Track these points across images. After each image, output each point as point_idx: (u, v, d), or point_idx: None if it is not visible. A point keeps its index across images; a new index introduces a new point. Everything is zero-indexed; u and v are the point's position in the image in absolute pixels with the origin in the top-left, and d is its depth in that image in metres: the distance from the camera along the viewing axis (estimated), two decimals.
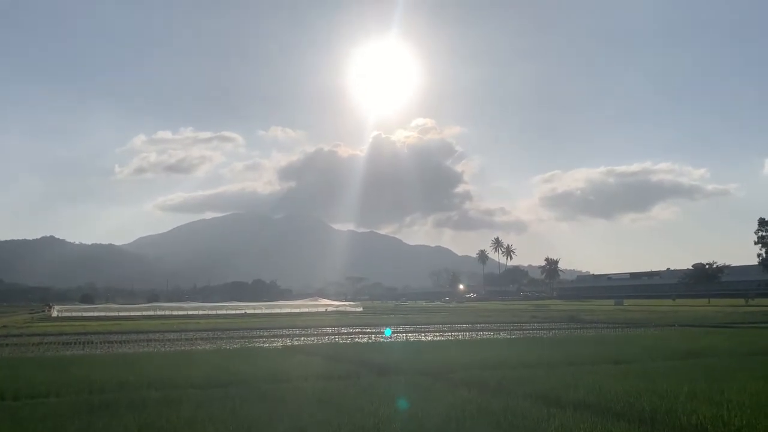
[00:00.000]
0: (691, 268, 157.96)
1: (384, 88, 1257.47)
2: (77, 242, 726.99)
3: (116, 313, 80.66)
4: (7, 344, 30.59)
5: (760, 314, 60.43)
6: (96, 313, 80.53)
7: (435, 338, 32.60)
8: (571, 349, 22.93)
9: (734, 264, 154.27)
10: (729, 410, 9.56)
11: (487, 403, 10.98)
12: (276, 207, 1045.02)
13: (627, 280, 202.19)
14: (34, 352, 26.28)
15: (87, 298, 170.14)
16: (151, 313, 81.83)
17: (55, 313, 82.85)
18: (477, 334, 35.52)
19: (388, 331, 17.44)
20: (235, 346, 28.50)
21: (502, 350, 22.83)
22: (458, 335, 34.91)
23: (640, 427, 8.69)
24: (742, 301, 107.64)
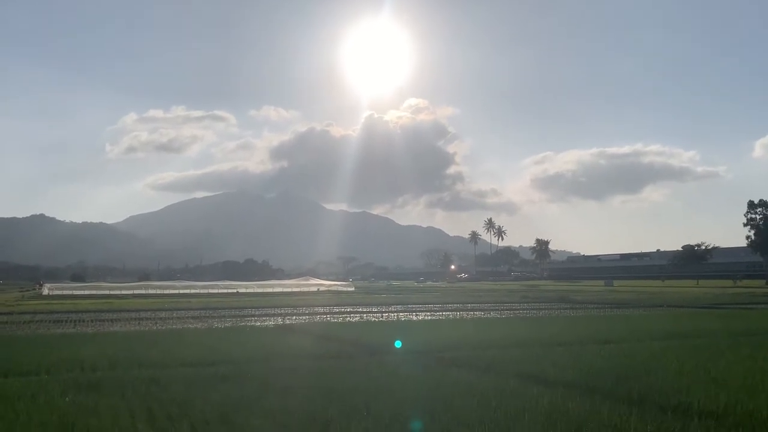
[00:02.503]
0: (680, 249, 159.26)
1: (377, 68, 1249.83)
2: (68, 221, 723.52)
3: (107, 292, 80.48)
4: None
5: (748, 295, 61.14)
6: (87, 292, 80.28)
7: (426, 318, 32.77)
8: (560, 329, 23.10)
9: (723, 246, 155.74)
10: (716, 388, 9.67)
11: (477, 382, 11.05)
12: (268, 186, 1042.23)
13: (617, 261, 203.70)
14: (24, 330, 26.22)
15: (78, 277, 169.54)
16: (143, 291, 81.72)
17: (45, 292, 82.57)
18: (468, 314, 35.72)
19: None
20: (226, 324, 28.54)
21: (493, 330, 22.97)
22: (449, 315, 35.10)
23: (629, 405, 8.77)
24: (730, 282, 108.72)
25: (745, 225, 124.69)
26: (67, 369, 13.18)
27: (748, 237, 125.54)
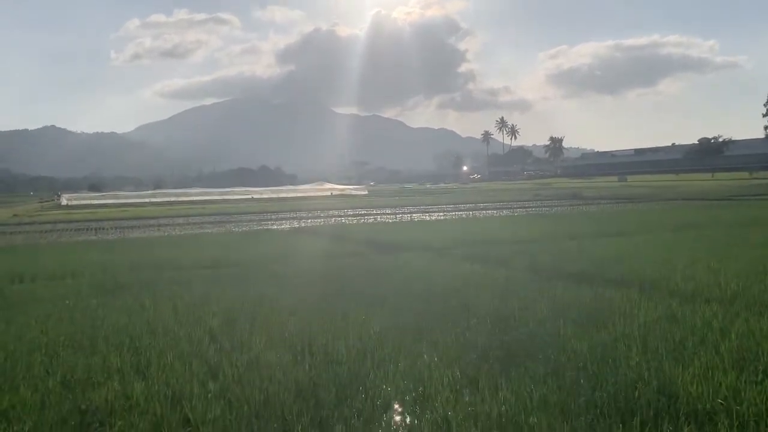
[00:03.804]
0: (696, 143, 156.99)
1: None
2: (79, 131, 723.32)
3: (124, 201, 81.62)
4: (20, 232, 31.30)
5: (763, 187, 60.73)
6: (104, 201, 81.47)
7: (439, 218, 33.10)
8: (572, 224, 23.32)
9: (740, 138, 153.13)
10: (726, 276, 9.83)
11: (490, 275, 11.31)
12: (276, 91, 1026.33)
13: (631, 157, 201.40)
14: (47, 238, 26.91)
15: (94, 187, 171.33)
16: (159, 200, 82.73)
17: (64, 202, 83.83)
18: (480, 213, 36.02)
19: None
20: (243, 229, 29.08)
21: (505, 227, 23.23)
22: (462, 215, 35.42)
23: (639, 292, 8.98)
24: (746, 174, 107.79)
25: (764, 116, 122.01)
26: (91, 273, 13.61)
27: (766, 128, 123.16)
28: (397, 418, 4.82)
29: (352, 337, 6.93)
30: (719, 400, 4.74)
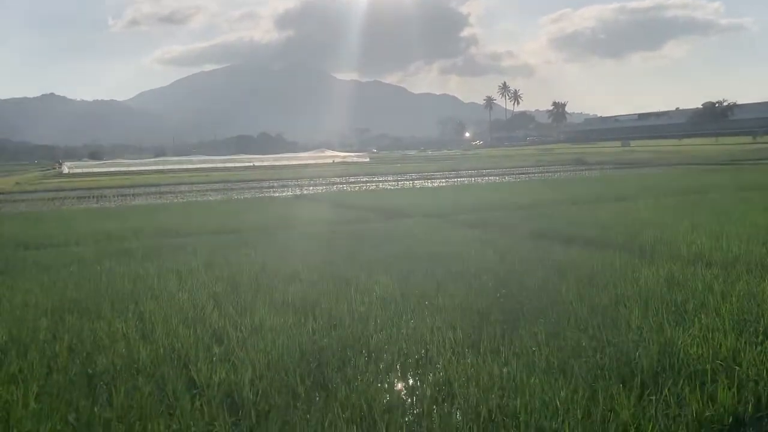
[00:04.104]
0: (700, 107, 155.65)
1: None
2: (79, 99, 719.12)
3: (126, 169, 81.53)
4: (23, 200, 31.37)
5: (766, 151, 60.41)
6: (106, 169, 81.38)
7: (441, 184, 33.05)
8: (574, 189, 23.26)
9: (745, 102, 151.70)
10: (728, 240, 9.83)
11: (492, 240, 11.33)
12: (276, 57, 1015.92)
13: (635, 121, 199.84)
14: (50, 206, 26.97)
15: (95, 155, 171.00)
16: (161, 167, 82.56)
17: (66, 170, 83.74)
18: (482, 179, 35.96)
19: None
20: (245, 196, 29.08)
21: (507, 193, 23.21)
22: (464, 181, 35.36)
23: (641, 256, 9.01)
24: (749, 138, 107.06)
25: None
26: (95, 240, 13.66)
27: None
28: (400, 380, 4.88)
29: (355, 301, 6.98)
30: (719, 361, 4.79)
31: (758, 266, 8.04)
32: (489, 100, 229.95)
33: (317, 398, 4.47)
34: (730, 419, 4.16)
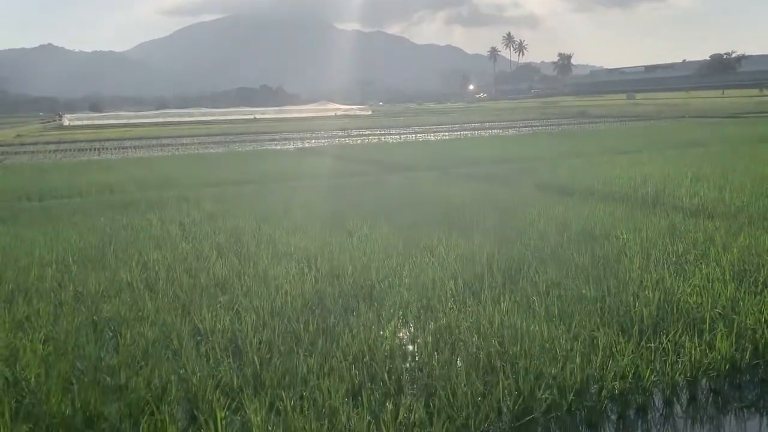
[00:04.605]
0: (708, 59, 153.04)
1: None
2: (77, 50, 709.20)
3: (127, 121, 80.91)
4: (24, 152, 31.28)
5: None
6: (107, 121, 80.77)
7: (444, 138, 32.81)
8: (578, 142, 23.10)
9: (755, 53, 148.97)
10: (731, 192, 9.80)
11: (494, 192, 11.32)
12: (277, 7, 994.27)
13: (641, 74, 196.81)
14: (51, 158, 26.91)
15: (96, 107, 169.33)
16: (161, 120, 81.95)
17: (66, 122, 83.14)
18: (486, 132, 35.68)
19: None
20: (247, 149, 28.94)
21: (510, 146, 23.07)
22: (467, 134, 35.08)
23: (643, 208, 9.00)
24: (756, 91, 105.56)
25: None
26: (98, 192, 13.69)
27: None
28: (402, 327, 4.94)
29: (358, 251, 7.02)
30: (718, 311, 4.83)
31: (760, 218, 8.03)
32: (493, 52, 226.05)
33: (320, 344, 4.54)
34: (727, 366, 4.23)
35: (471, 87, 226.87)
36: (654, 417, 3.90)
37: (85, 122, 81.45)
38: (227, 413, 3.64)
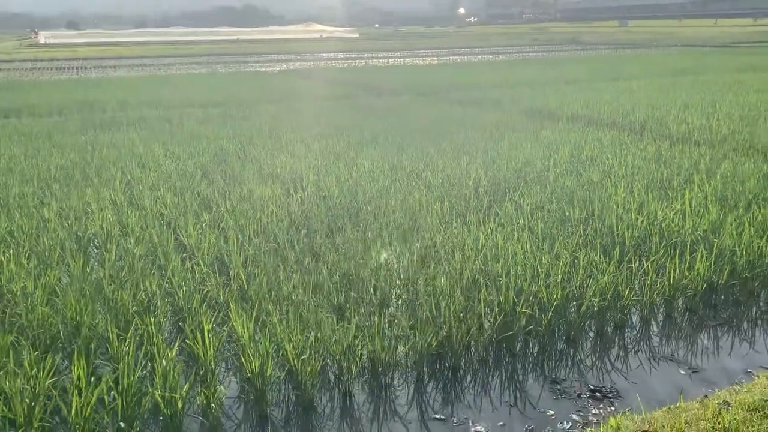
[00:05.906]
0: None
1: None
2: None
3: (105, 39, 78.28)
4: (0, 70, 30.28)
5: (765, 34, 58.87)
6: (85, 40, 78.09)
7: (433, 62, 32.18)
8: (569, 69, 22.80)
9: None
10: (718, 120, 9.80)
11: (482, 117, 11.22)
12: None
13: (634, 0, 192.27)
14: (28, 76, 26.11)
15: (73, 24, 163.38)
16: (142, 39, 79.38)
17: (42, 40, 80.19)
18: (475, 58, 35.02)
19: None
20: (230, 70, 28.25)
21: (500, 72, 22.72)
22: (456, 59, 34.42)
23: (630, 134, 8.99)
24: (750, 21, 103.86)
25: None
26: (78, 110, 13.37)
27: None
28: (387, 247, 4.97)
29: (344, 174, 6.98)
30: (699, 234, 4.90)
31: (745, 146, 8.06)
32: None
33: (306, 262, 4.57)
34: (704, 286, 4.33)
35: (461, 10, 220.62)
36: (631, 334, 4.02)
37: (62, 40, 78.62)
38: (214, 325, 3.69)
